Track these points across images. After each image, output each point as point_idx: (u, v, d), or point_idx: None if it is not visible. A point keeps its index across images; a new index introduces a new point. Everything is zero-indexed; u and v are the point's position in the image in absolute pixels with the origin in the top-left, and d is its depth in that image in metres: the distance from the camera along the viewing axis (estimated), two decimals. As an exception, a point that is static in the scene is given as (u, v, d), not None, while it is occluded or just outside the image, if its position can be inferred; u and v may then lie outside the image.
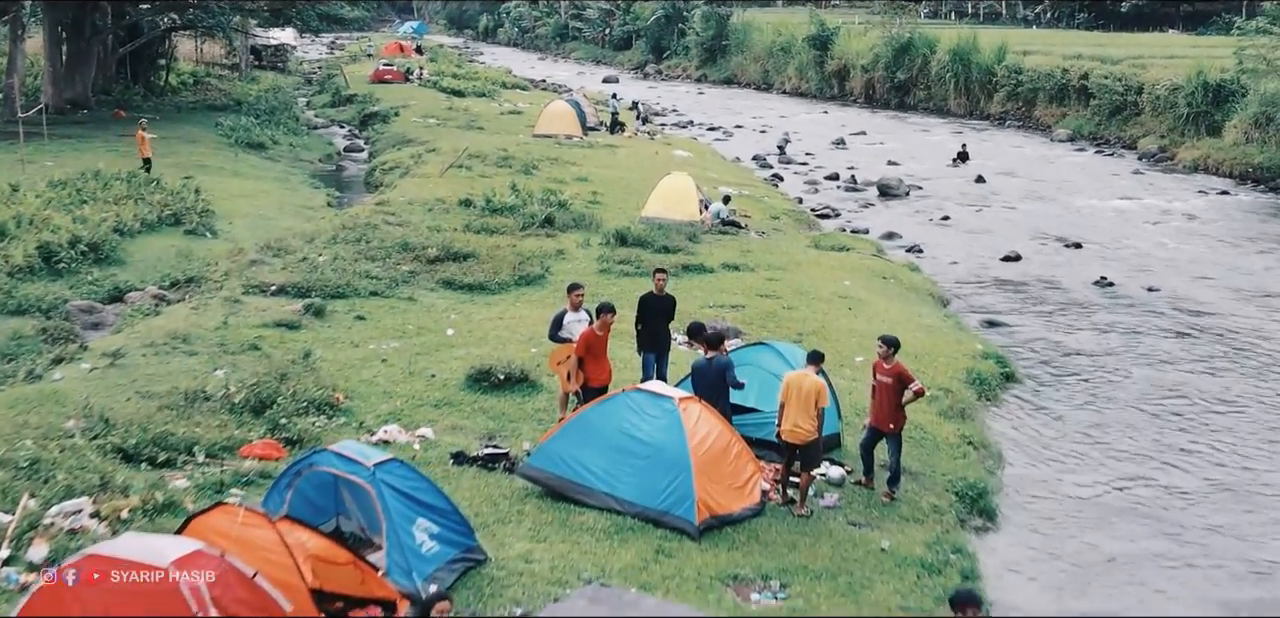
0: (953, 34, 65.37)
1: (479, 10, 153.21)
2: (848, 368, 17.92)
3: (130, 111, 46.96)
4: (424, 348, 17.66)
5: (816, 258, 25.84)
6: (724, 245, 25.92)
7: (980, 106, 60.34)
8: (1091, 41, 65.97)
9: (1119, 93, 50.41)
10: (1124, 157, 46.48)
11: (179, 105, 50.23)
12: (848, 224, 32.74)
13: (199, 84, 58.35)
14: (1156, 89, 47.65)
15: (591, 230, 26.15)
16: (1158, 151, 45.47)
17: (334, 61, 78.59)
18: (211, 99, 52.58)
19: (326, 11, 51.49)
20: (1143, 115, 49.26)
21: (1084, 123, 52.26)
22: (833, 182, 40.23)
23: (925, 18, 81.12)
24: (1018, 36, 67.88)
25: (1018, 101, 57.90)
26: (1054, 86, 55.12)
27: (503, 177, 32.43)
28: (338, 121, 54.22)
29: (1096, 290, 25.61)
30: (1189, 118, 45.27)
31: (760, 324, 19.80)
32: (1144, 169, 43.41)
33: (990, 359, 19.35)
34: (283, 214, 30.13)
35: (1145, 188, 39.55)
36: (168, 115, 46.66)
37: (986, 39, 62.63)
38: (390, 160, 37.71)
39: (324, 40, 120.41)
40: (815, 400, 12.76)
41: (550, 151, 38.36)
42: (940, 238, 31.08)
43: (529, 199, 27.44)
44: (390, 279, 21.05)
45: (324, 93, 64.00)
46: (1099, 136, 50.76)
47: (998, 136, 52.97)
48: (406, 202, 28.00)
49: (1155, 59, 52.34)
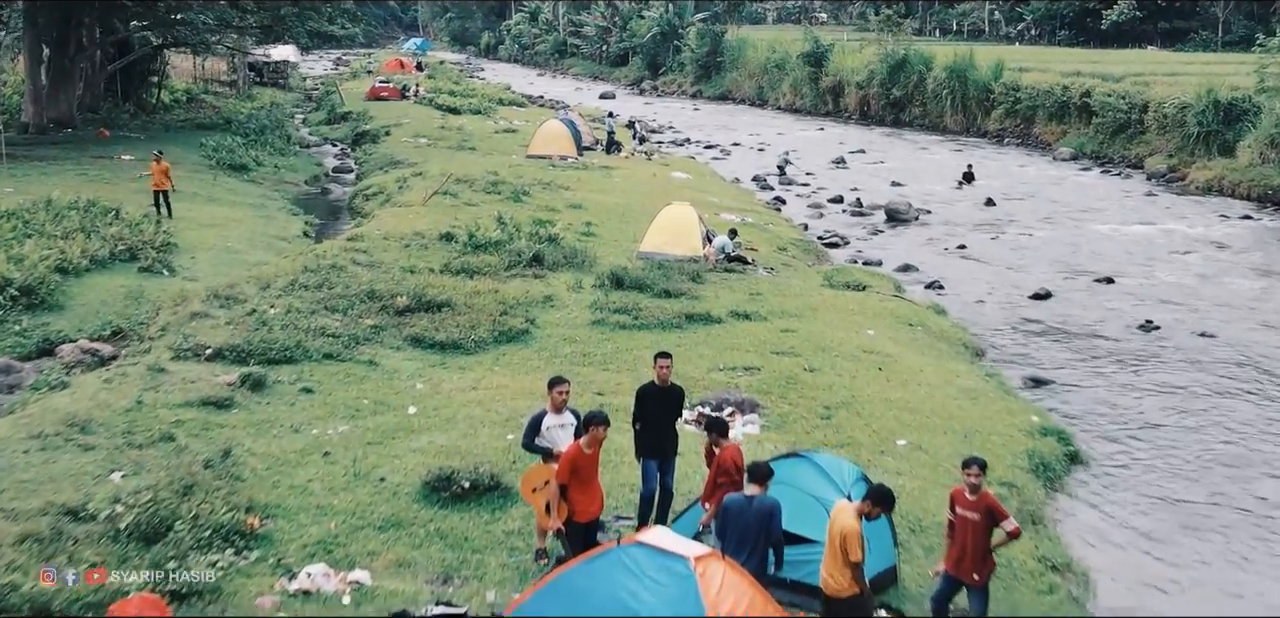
0: (947, 51, 61.39)
1: (481, 27, 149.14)
2: (891, 455, 13.93)
3: (116, 130, 43.00)
4: (378, 433, 13.64)
5: (833, 300, 21.81)
6: (731, 286, 21.91)
7: (977, 124, 56.32)
8: (1078, 58, 61.99)
9: (1123, 111, 46.40)
10: (1131, 177, 42.48)
11: (168, 124, 46.08)
12: (858, 254, 28.74)
13: (193, 101, 54.18)
14: (1164, 107, 43.64)
15: (584, 269, 22.12)
16: (1167, 171, 41.48)
17: (332, 78, 74.36)
18: (203, 117, 48.39)
19: (317, 29, 47.45)
20: (1148, 134, 45.24)
21: (1086, 141, 48.25)
22: (837, 205, 36.22)
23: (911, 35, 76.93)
24: (1004, 53, 63.79)
25: (1016, 119, 53.89)
26: (1054, 104, 51.10)
27: (491, 204, 28.38)
28: (331, 140, 50.15)
29: (1142, 336, 21.64)
30: (1199, 137, 41.27)
31: (780, 393, 15.80)
32: (1156, 190, 39.42)
33: (1050, 436, 15.34)
34: (253, 247, 26.10)
35: (1162, 211, 35.55)
36: (155, 134, 42.61)
37: (973, 55, 58.67)
38: (375, 184, 33.64)
39: (330, 56, 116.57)
40: (842, 547, 8.82)
41: (543, 174, 34.34)
42: (959, 271, 27.08)
43: (516, 233, 23.36)
44: (350, 337, 16.99)
45: (320, 110, 59.90)
46: (1102, 155, 46.77)
47: (998, 155, 48.96)
48: (382, 236, 23.90)
49: (1157, 76, 48.38)
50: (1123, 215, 34.67)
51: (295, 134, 50.12)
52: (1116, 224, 33.22)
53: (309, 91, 72.20)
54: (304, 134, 52.03)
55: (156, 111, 49.57)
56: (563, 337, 17.87)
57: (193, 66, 63.58)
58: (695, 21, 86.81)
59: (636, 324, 18.56)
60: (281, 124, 48.62)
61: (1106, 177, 42.86)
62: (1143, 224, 33.32)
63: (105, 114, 44.96)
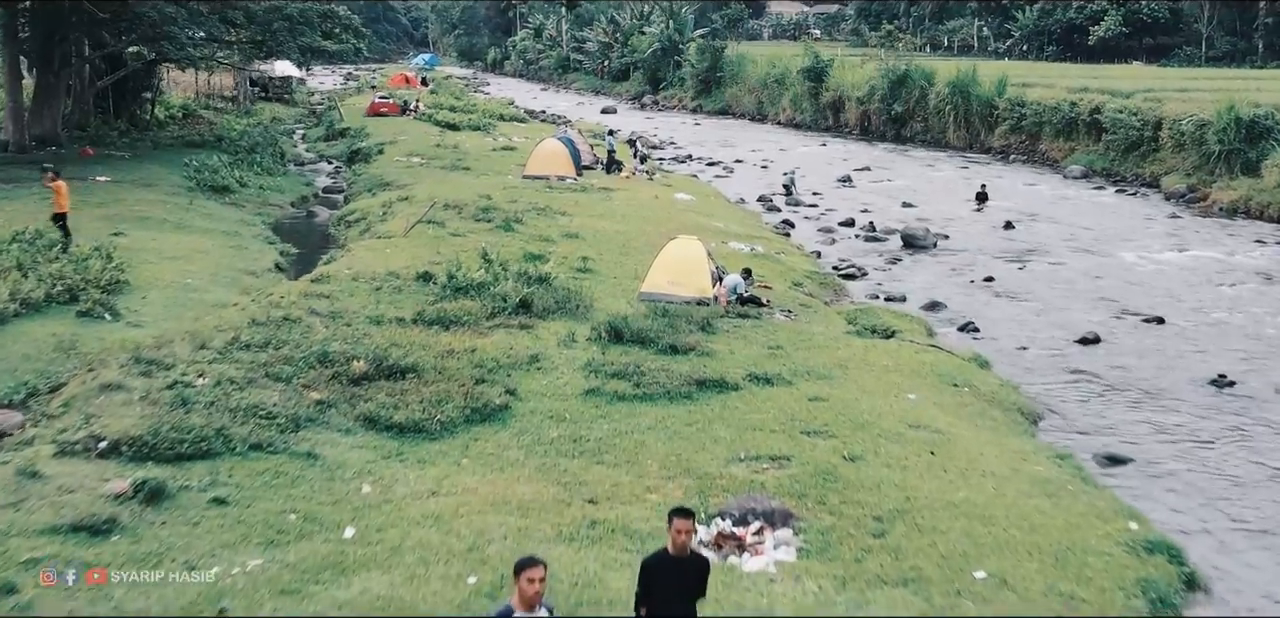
0: (947, 66, 57.40)
1: (487, 43, 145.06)
2: (969, 595, 9.98)
3: (102, 149, 39.02)
4: (298, 573, 9.67)
5: (863, 353, 17.79)
6: (746, 336, 17.91)
7: (981, 140, 52.32)
8: (1074, 72, 58.18)
9: (1136, 128, 42.42)
10: (1148, 197, 38.52)
11: (158, 141, 41.99)
12: (879, 289, 24.78)
13: (190, 117, 50.09)
14: (1181, 125, 39.65)
15: (578, 316, 18.10)
16: (1187, 191, 37.51)
17: (333, 94, 70.23)
18: (195, 134, 44.29)
19: (310, 45, 43.46)
20: (1162, 152, 41.28)
21: (1096, 158, 44.28)
22: (849, 229, 32.25)
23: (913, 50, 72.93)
24: (1006, 69, 59.84)
25: (1021, 135, 49.89)
26: (1061, 120, 47.08)
27: (479, 234, 24.40)
28: (326, 157, 46.08)
29: (1216, 395, 17.70)
30: (1220, 156, 37.30)
31: (818, 497, 11.82)
32: (1178, 212, 35.46)
33: (1158, 553, 11.34)
34: (215, 283, 22.12)
35: (1192, 235, 31.57)
36: (144, 153, 38.64)
37: (976, 71, 54.69)
38: (359, 209, 29.61)
39: (341, 71, 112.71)
40: None
41: (540, 197, 30.36)
42: (992, 309, 23.11)
43: (502, 273, 19.32)
44: (289, 418, 12.97)
45: (319, 125, 55.85)
46: (1114, 173, 42.80)
47: (1007, 173, 44.96)
48: (351, 277, 19.80)
49: (1168, 93, 44.42)
50: (1151, 241, 30.71)
51: (291, 151, 46.12)
52: (1145, 251, 29.25)
53: (314, 107, 68.14)
54: (301, 151, 48.01)
55: (150, 128, 45.52)
56: (549, 413, 13.89)
57: (195, 81, 59.55)
58: (695, 37, 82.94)
59: (638, 393, 14.58)
60: (276, 141, 44.54)
61: (1122, 196, 38.89)
62: (1175, 251, 29.34)
63: (93, 131, 40.95)
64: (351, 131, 49.09)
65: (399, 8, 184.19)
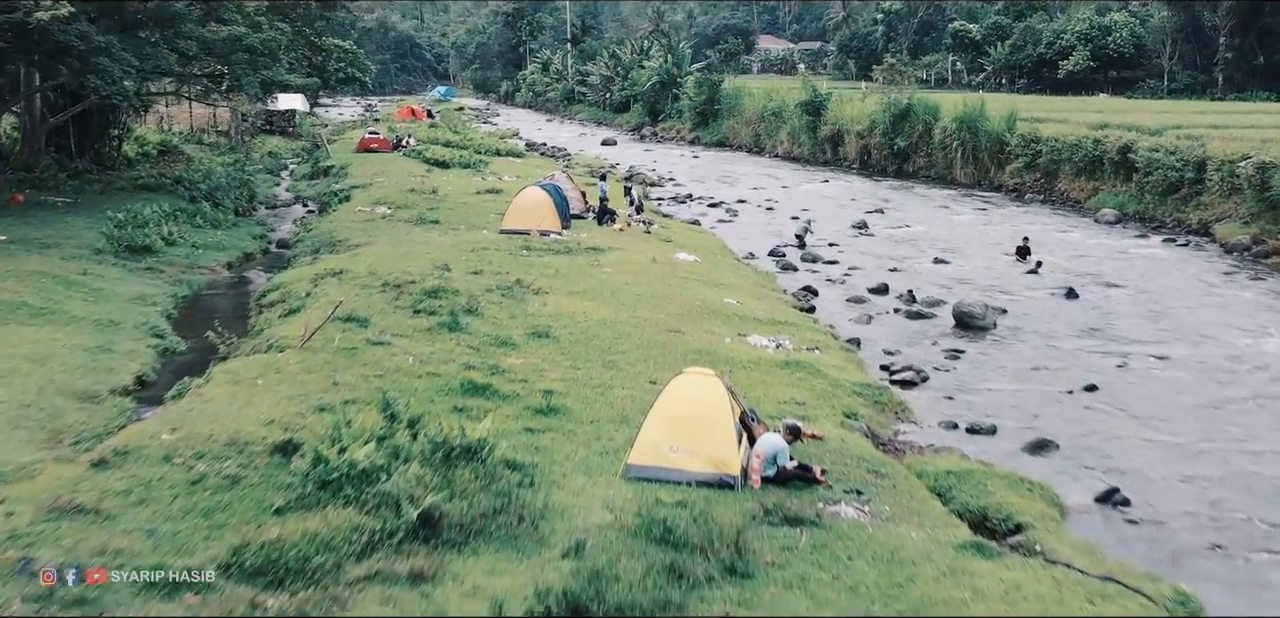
0: (955, 100, 48.45)
1: (500, 77, 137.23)
2: None
3: (44, 192, 30.19)
4: None
5: (1004, 603, 8.86)
6: (806, 576, 8.96)
7: (990, 177, 43.33)
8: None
9: (1176, 168, 33.50)
10: (1203, 248, 29.60)
11: (113, 184, 33.06)
12: (951, 407, 15.85)
13: (167, 154, 41.06)
14: (1236, 166, 30.72)
15: (517, 547, 9.09)
16: (1252, 243, 28.62)
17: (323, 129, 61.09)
18: (160, 176, 35.28)
19: (272, 79, 34.72)
20: (1206, 195, 32.42)
21: (1127, 200, 35.34)
22: (881, 296, 23.36)
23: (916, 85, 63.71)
24: (1005, 102, 50.91)
25: (1036, 173, 40.92)
26: (1084, 158, 38.12)
27: (413, 338, 15.47)
28: (304, 198, 37.14)
29: None
30: (1284, 203, 28.49)
31: None
32: (1258, 272, 26.52)
33: None
34: (24, 421, 13.18)
35: (1295, 308, 22.67)
36: (90, 200, 29.68)
37: (984, 105, 45.74)
38: (284, 283, 20.55)
39: (361, 102, 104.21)
40: None
41: (513, 262, 21.50)
42: (1131, 452, 14.10)
43: (408, 445, 10.38)
44: None
45: (307, 163, 46.85)
46: (1150, 218, 33.90)
47: (1027, 215, 36.00)
48: (161, 454, 10.64)
49: (1209, 130, 35.50)
50: (1254, 314, 21.82)
51: (267, 192, 37.22)
52: (1254, 336, 20.32)
53: (316, 141, 59.20)
54: (281, 190, 39.10)
55: (118, 167, 36.61)
56: None
57: (189, 115, 50.60)
58: (693, 71, 74.27)
59: None
60: (246, 183, 35.54)
61: (1171, 247, 29.94)
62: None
63: (39, 173, 32.04)
64: (336, 170, 40.13)
65: (424, 44, 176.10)
